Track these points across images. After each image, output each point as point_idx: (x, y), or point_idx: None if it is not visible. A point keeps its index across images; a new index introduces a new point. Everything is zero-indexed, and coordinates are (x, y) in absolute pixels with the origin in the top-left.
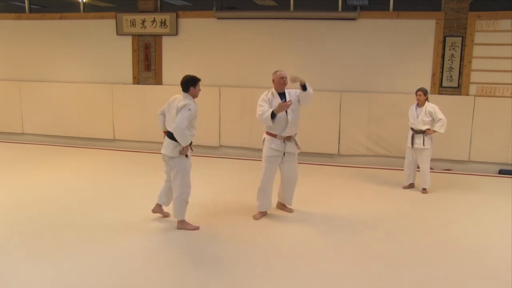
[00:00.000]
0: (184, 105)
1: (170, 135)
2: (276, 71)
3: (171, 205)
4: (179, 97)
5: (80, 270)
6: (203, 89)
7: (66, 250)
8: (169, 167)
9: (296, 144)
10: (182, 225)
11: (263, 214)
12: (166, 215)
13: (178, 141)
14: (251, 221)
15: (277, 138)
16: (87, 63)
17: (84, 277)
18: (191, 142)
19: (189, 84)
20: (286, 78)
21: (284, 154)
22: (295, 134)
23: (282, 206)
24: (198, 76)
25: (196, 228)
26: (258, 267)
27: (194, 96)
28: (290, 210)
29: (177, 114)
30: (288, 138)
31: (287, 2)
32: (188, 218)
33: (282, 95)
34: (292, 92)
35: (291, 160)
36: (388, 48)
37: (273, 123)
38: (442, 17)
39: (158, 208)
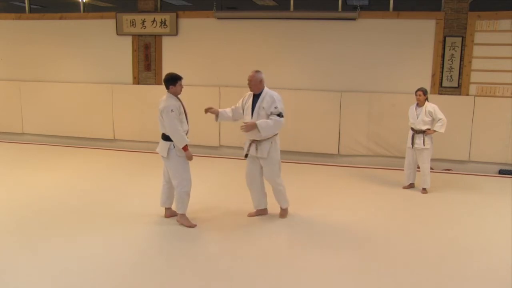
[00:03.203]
0: (164, 108)
1: (162, 136)
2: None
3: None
4: (162, 99)
5: (80, 268)
6: (203, 89)
7: (66, 249)
8: (166, 166)
9: (256, 149)
10: (182, 219)
11: (257, 212)
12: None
13: (176, 143)
14: (251, 220)
15: (246, 139)
16: (87, 63)
17: (83, 274)
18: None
19: (169, 83)
20: (250, 81)
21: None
22: (264, 140)
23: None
24: (198, 75)
25: (193, 226)
26: (257, 267)
27: (175, 93)
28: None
29: (162, 116)
30: (254, 141)
31: (287, 2)
32: (192, 216)
33: (256, 97)
34: (267, 98)
35: (263, 165)
36: (388, 48)
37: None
38: (442, 17)
39: (168, 212)
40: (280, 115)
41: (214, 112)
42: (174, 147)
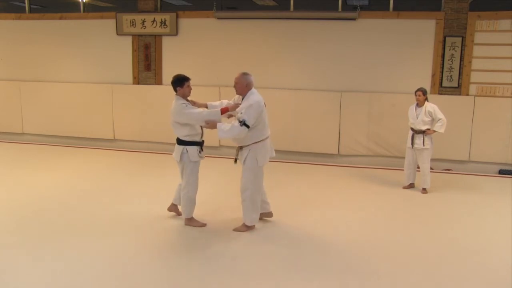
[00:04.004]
0: (174, 110)
1: (177, 140)
2: None
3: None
4: (172, 104)
5: (81, 268)
6: (203, 89)
7: (66, 249)
8: (179, 170)
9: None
10: (189, 222)
11: (260, 215)
12: (180, 213)
13: (213, 119)
14: None
15: None
16: (87, 63)
17: (84, 274)
18: (203, 142)
19: (175, 85)
20: (235, 83)
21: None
22: (244, 147)
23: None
24: (198, 75)
25: (203, 225)
26: (257, 267)
27: (184, 95)
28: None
29: (175, 121)
30: (239, 147)
31: (287, 2)
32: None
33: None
34: (245, 103)
35: (242, 171)
36: (388, 48)
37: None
38: (442, 17)
39: (173, 207)
40: (242, 122)
41: (200, 106)
42: (187, 151)
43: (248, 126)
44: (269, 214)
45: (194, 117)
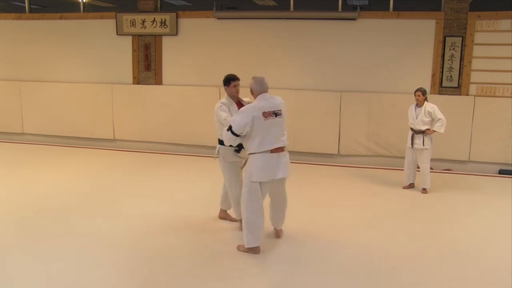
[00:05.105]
0: (215, 108)
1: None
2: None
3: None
4: None
5: (81, 268)
6: (204, 89)
7: (66, 249)
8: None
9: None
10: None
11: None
12: (233, 220)
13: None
14: None
15: None
16: (87, 63)
17: (84, 274)
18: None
19: (224, 84)
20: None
21: None
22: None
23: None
24: (198, 75)
25: (235, 220)
26: (257, 267)
27: (231, 95)
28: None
29: (217, 120)
30: None
31: (287, 2)
32: (192, 216)
33: None
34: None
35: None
36: (388, 48)
37: None
38: (442, 17)
39: (222, 214)
40: (229, 127)
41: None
42: (220, 151)
43: (234, 133)
44: (279, 233)
45: (220, 119)
